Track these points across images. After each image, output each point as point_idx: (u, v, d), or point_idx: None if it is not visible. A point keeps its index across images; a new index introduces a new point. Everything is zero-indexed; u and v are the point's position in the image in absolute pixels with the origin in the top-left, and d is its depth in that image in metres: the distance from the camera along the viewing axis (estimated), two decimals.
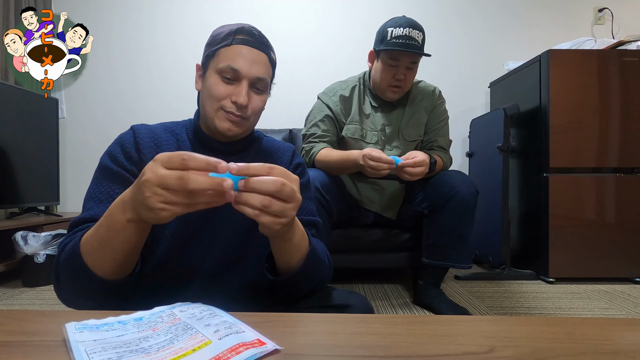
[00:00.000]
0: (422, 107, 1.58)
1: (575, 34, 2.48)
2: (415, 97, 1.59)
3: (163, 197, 0.44)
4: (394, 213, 1.61)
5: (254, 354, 0.37)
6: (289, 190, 0.48)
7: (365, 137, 1.55)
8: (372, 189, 1.59)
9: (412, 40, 1.40)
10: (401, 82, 1.46)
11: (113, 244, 0.52)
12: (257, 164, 0.47)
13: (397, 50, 1.40)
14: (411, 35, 1.40)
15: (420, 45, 1.43)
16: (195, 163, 0.44)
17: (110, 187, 0.65)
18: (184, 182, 0.43)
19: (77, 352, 0.37)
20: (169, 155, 0.45)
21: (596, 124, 1.96)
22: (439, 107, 1.60)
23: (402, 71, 1.45)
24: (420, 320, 0.51)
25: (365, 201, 1.60)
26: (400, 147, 1.55)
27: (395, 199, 1.60)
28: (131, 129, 0.73)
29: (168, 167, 0.44)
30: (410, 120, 1.57)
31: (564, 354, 0.40)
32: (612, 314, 1.50)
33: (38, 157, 2.24)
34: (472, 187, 1.44)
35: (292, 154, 0.83)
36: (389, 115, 1.56)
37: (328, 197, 1.41)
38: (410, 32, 1.40)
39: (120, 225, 0.50)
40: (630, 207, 1.95)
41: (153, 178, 0.44)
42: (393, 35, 1.41)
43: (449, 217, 1.44)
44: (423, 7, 2.67)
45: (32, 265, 1.84)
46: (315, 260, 0.65)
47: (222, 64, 0.69)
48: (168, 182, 0.44)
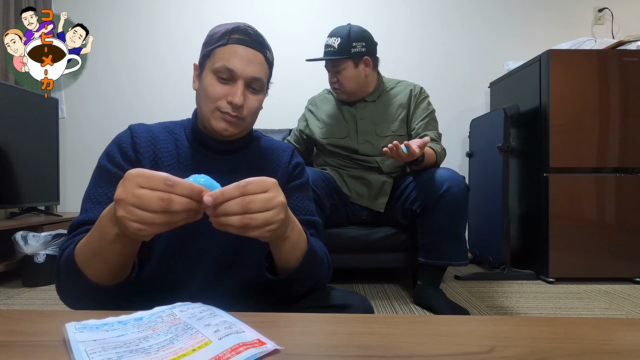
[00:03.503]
0: (397, 104, 1.65)
1: (575, 34, 2.48)
2: (391, 95, 1.67)
3: (139, 217, 0.44)
4: (382, 205, 1.63)
5: (254, 354, 0.37)
6: (259, 203, 0.48)
7: (335, 134, 1.65)
8: (361, 183, 1.64)
9: (327, 47, 1.59)
10: (335, 83, 1.61)
11: (106, 255, 0.52)
12: (229, 187, 0.47)
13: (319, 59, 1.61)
14: (327, 43, 1.59)
15: (335, 50, 1.56)
16: (181, 190, 0.44)
17: (108, 188, 0.65)
18: (167, 203, 0.43)
19: (77, 352, 0.37)
20: (148, 175, 0.44)
21: (596, 124, 1.96)
22: (421, 103, 1.65)
23: (332, 75, 1.61)
24: (420, 320, 0.51)
25: (354, 195, 1.64)
26: (373, 142, 1.62)
27: (382, 191, 1.63)
28: (129, 129, 0.73)
29: (149, 187, 0.44)
30: (383, 116, 1.64)
31: (564, 354, 0.40)
32: (612, 314, 1.50)
33: (38, 157, 2.24)
34: (462, 183, 1.45)
35: (291, 153, 0.83)
36: (362, 111, 1.66)
37: (318, 191, 1.46)
38: (328, 40, 1.59)
39: (111, 238, 0.50)
40: (630, 207, 1.95)
41: (129, 198, 0.44)
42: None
43: (441, 215, 1.45)
44: (423, 8, 2.67)
45: (32, 265, 1.84)
46: (314, 258, 0.65)
47: (218, 63, 0.68)
48: (149, 204, 0.43)
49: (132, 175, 0.44)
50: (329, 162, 1.69)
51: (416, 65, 2.62)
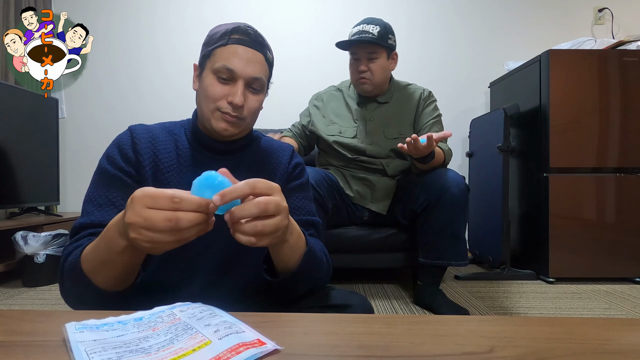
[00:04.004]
0: (407, 108, 1.64)
1: (575, 34, 2.47)
2: (402, 98, 1.66)
3: (149, 237, 0.44)
4: (385, 208, 1.63)
5: (254, 354, 0.37)
6: (274, 206, 0.48)
7: (344, 133, 1.64)
8: (363, 184, 1.63)
9: (366, 33, 1.52)
10: (365, 72, 1.55)
11: (114, 264, 0.52)
12: (239, 185, 0.46)
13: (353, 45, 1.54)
14: (364, 30, 1.52)
15: (375, 37, 1.51)
16: (187, 206, 0.43)
17: (109, 190, 0.65)
18: (175, 223, 0.43)
19: (77, 352, 0.37)
20: (153, 195, 0.44)
21: (596, 124, 1.96)
22: (428, 106, 1.65)
23: (363, 63, 1.54)
24: (420, 320, 0.51)
25: (357, 196, 1.64)
26: (380, 144, 1.61)
27: (385, 194, 1.63)
28: (129, 130, 0.72)
29: (155, 207, 0.43)
30: (393, 119, 1.63)
31: (564, 354, 0.40)
32: (612, 314, 1.50)
33: (38, 157, 2.24)
34: (462, 184, 1.46)
35: (291, 153, 0.83)
36: (373, 112, 1.64)
37: (322, 192, 1.46)
38: (364, 27, 1.53)
39: (120, 249, 0.50)
40: (630, 207, 1.95)
41: (138, 221, 0.44)
42: (351, 34, 1.55)
43: (440, 215, 1.45)
44: (423, 8, 2.67)
45: (32, 265, 1.84)
46: (313, 260, 0.65)
47: (218, 64, 0.68)
48: (157, 225, 0.43)
49: (138, 197, 0.44)
50: (332, 162, 1.69)
51: (416, 65, 2.62)
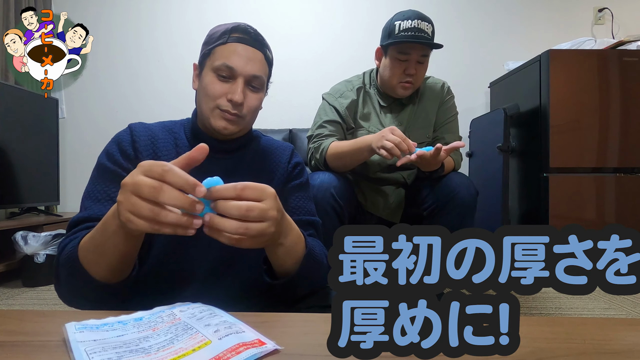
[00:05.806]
0: (430, 106, 1.52)
1: (575, 34, 2.47)
2: (424, 95, 1.52)
3: (131, 203, 0.43)
4: (398, 218, 1.59)
5: (254, 354, 0.37)
6: (258, 212, 0.47)
7: None
8: (377, 193, 1.55)
9: (421, 32, 1.35)
10: (412, 77, 1.39)
11: (106, 248, 0.52)
12: (228, 185, 0.46)
13: (407, 43, 1.34)
14: (420, 27, 1.35)
15: (430, 37, 1.38)
16: (174, 178, 0.42)
17: (108, 186, 0.66)
18: (156, 192, 0.42)
19: (77, 352, 0.37)
20: (151, 163, 0.44)
21: (596, 124, 1.96)
22: (447, 103, 1.54)
23: (412, 65, 1.38)
24: None
25: (370, 205, 1.58)
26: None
27: (398, 205, 1.57)
28: (129, 128, 0.73)
29: (147, 175, 0.43)
30: (419, 121, 1.51)
31: (564, 354, 0.40)
32: (612, 314, 1.50)
33: (38, 157, 2.24)
34: (472, 188, 1.42)
35: (291, 153, 0.83)
36: (399, 115, 1.50)
37: (342, 202, 1.34)
38: (419, 23, 1.35)
39: (112, 230, 0.50)
40: (630, 207, 1.95)
41: (129, 183, 0.43)
42: (401, 29, 1.36)
43: (449, 219, 1.41)
44: (423, 7, 2.65)
45: (32, 265, 1.84)
46: (313, 262, 0.65)
47: (218, 62, 0.69)
48: (142, 190, 0.42)
49: (141, 164, 0.44)
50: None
51: None
